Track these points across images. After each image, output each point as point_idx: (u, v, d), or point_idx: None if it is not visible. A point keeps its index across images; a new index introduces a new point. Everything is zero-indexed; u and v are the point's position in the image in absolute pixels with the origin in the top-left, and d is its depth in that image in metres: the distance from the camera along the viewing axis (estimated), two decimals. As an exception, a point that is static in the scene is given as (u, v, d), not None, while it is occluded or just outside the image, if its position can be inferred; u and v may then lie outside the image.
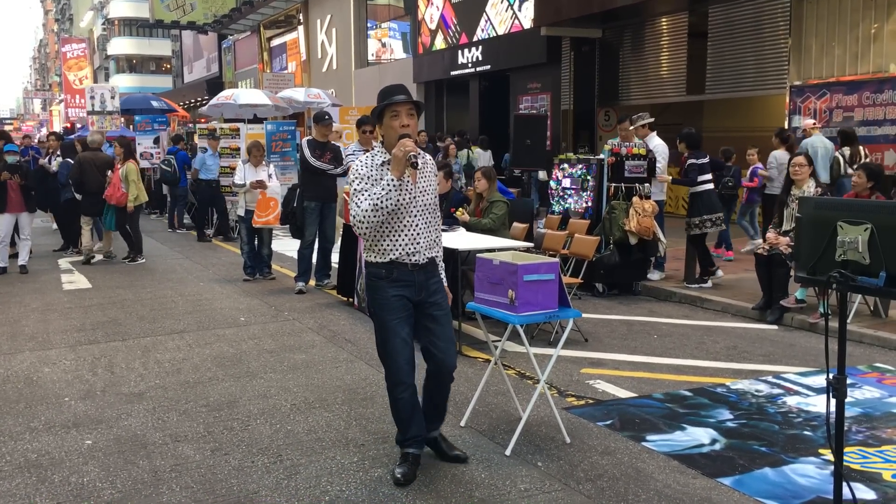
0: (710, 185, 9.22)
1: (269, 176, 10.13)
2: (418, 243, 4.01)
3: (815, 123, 11.66)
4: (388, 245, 4.01)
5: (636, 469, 4.31)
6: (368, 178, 3.97)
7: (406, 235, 4.00)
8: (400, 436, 4.24)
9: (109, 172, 11.98)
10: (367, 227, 3.94)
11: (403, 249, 3.99)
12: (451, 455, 4.34)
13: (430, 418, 4.29)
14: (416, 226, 4.00)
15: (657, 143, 9.51)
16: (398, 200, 3.90)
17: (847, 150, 10.69)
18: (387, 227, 4.00)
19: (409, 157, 3.84)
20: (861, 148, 10.77)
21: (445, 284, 4.26)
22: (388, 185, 3.86)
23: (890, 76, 11.75)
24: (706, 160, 9.22)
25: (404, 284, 4.03)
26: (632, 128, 9.45)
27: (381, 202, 3.86)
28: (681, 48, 16.24)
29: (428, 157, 4.14)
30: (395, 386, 4.11)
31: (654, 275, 9.46)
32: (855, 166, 9.89)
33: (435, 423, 4.36)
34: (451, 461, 4.32)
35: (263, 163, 10.23)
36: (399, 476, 4.12)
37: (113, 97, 23.04)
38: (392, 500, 3.94)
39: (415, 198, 3.99)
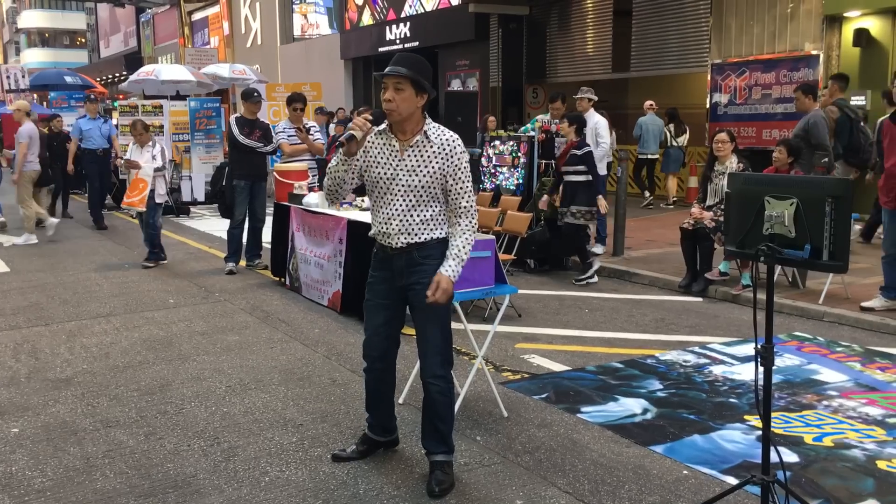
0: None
1: (154, 157, 9.48)
2: (390, 224, 3.72)
3: (651, 104, 14.10)
4: (373, 218, 3.86)
5: (572, 440, 4.41)
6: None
7: (382, 213, 3.76)
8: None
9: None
10: (325, 194, 3.89)
11: (378, 228, 3.80)
12: (428, 488, 3.78)
13: (424, 435, 3.94)
14: (393, 205, 3.70)
15: (598, 120, 9.64)
16: (346, 172, 3.76)
17: (672, 126, 14.06)
18: (371, 199, 3.85)
19: (346, 135, 3.66)
20: (682, 123, 14.17)
21: (446, 275, 3.66)
22: (339, 156, 3.74)
23: (805, 54, 12.16)
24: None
25: (384, 267, 3.84)
26: (576, 97, 9.60)
27: (331, 170, 3.79)
28: (606, 26, 16.47)
29: (445, 136, 3.72)
30: (364, 362, 4.05)
31: (597, 248, 9.65)
32: (680, 139, 14.15)
33: (430, 442, 3.90)
34: (427, 494, 3.77)
35: (150, 142, 9.59)
36: (337, 451, 4.17)
37: (24, 76, 23.18)
38: (332, 479, 3.94)
39: (396, 175, 3.69)
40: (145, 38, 39.15)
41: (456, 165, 3.70)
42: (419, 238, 3.74)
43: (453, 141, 3.73)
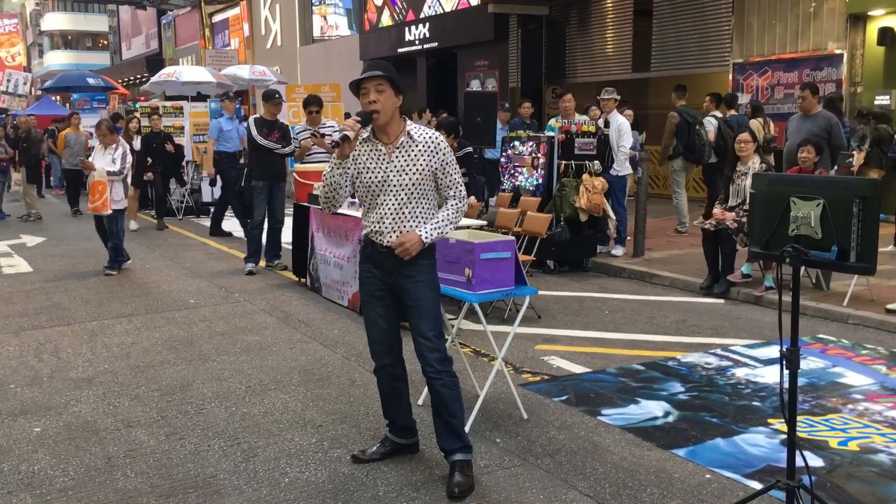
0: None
1: (114, 160, 9.08)
2: (383, 223, 3.81)
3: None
4: (366, 219, 3.94)
5: (593, 443, 4.37)
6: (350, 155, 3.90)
7: (375, 213, 3.85)
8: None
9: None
10: (322, 201, 3.94)
11: (371, 227, 3.88)
12: (447, 491, 3.78)
13: (439, 435, 3.96)
14: (385, 205, 3.80)
15: (621, 122, 9.62)
16: (341, 176, 3.81)
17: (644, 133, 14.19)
18: (364, 203, 3.93)
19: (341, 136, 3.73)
20: (639, 125, 13.78)
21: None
22: (333, 161, 3.82)
23: (829, 53, 12.02)
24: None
25: (373, 263, 3.92)
26: (600, 98, 9.70)
27: (326, 177, 3.86)
28: (626, 26, 16.37)
29: (428, 134, 3.84)
30: (373, 362, 4.08)
31: (616, 250, 9.61)
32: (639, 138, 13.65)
33: (445, 440, 3.91)
34: (447, 496, 3.77)
35: (114, 145, 9.19)
36: (357, 453, 4.17)
37: (25, 83, 23.81)
38: (352, 480, 3.93)
39: (387, 177, 3.78)
40: (166, 40, 39.41)
41: (443, 161, 3.86)
42: None
43: (437, 138, 3.88)
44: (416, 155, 3.80)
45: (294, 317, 7.21)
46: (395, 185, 3.79)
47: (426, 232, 3.79)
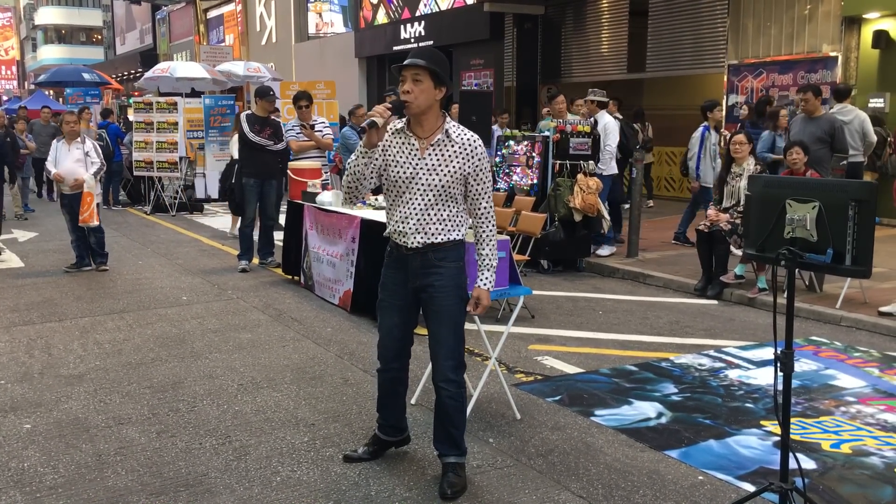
0: None
1: (87, 154, 8.73)
2: (407, 223, 3.67)
3: (547, 111, 14.24)
4: (389, 218, 3.81)
5: (586, 443, 4.37)
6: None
7: (399, 212, 3.70)
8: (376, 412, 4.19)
9: None
10: (345, 192, 3.82)
11: (394, 227, 3.75)
12: (440, 490, 3.76)
13: (436, 438, 3.92)
14: (411, 203, 3.65)
15: (608, 121, 9.62)
16: (366, 167, 3.67)
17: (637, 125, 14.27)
18: (388, 200, 3.80)
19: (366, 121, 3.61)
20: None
21: (485, 285, 3.73)
22: (358, 150, 3.69)
23: (823, 56, 12.05)
24: None
25: (398, 267, 3.80)
26: (584, 100, 9.64)
27: (350, 165, 3.73)
28: (622, 26, 16.37)
29: (467, 136, 3.68)
30: (378, 363, 4.03)
31: (603, 250, 9.60)
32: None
33: (442, 445, 3.88)
34: (439, 496, 3.76)
35: (78, 139, 8.82)
36: (349, 452, 4.16)
37: None
38: (344, 479, 3.92)
39: (416, 174, 3.64)
40: (161, 36, 39.30)
41: (477, 166, 3.69)
42: (436, 239, 3.70)
43: (475, 141, 3.71)
44: (450, 155, 3.64)
45: (287, 315, 7.19)
46: (423, 184, 3.64)
47: (487, 281, 3.75)
